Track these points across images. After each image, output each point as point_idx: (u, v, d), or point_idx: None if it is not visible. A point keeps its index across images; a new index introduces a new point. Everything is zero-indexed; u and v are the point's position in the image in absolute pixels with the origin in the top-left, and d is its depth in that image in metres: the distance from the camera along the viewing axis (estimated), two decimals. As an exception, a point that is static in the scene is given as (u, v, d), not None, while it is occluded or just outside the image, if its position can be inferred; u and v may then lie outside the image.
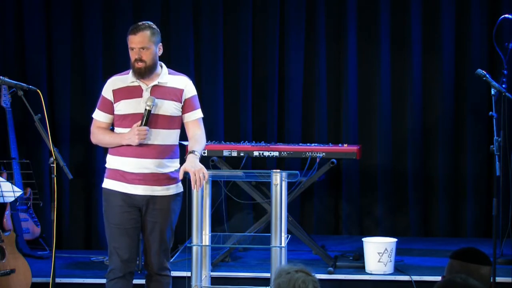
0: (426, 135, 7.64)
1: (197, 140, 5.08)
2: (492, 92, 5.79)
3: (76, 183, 7.36)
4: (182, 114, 5.07)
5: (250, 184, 6.52)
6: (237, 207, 7.47)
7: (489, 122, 7.12)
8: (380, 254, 6.17)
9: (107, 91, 5.02)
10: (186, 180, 5.17)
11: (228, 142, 6.67)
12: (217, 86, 7.56)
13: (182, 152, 6.40)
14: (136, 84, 4.97)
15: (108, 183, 5.03)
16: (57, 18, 7.50)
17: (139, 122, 4.91)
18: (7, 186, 5.79)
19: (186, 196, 5.17)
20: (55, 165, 4.83)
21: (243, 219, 7.50)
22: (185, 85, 5.06)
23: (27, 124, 7.19)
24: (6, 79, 5.15)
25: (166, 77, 5.02)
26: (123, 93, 4.97)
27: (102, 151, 7.38)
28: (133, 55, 4.93)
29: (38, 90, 4.94)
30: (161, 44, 5.02)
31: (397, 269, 6.28)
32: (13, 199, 5.97)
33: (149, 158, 4.95)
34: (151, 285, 5.09)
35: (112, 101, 4.99)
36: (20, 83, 5.04)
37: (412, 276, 6.14)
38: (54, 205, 4.87)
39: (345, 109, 7.66)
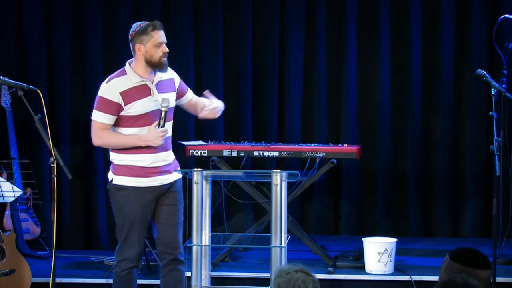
0: (426, 135, 7.64)
1: (203, 99, 5.40)
2: (492, 92, 5.78)
3: (76, 183, 7.37)
4: (179, 98, 5.29)
5: (250, 184, 6.52)
6: (237, 207, 7.47)
7: (489, 122, 7.13)
8: (380, 254, 6.17)
9: (111, 94, 5.02)
10: (187, 180, 5.18)
11: (228, 142, 6.67)
12: (217, 86, 7.56)
13: (183, 152, 6.43)
14: (142, 83, 5.06)
15: (123, 180, 5.09)
16: (57, 18, 7.50)
17: (156, 123, 5.04)
18: (7, 186, 5.79)
19: (186, 196, 5.19)
20: (55, 165, 4.83)
21: (243, 219, 7.50)
22: (173, 73, 5.27)
23: (27, 124, 7.19)
24: (6, 79, 5.15)
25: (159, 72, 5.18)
26: (133, 94, 5.03)
27: (102, 151, 7.39)
28: (162, 50, 5.07)
29: (38, 90, 4.94)
30: None
31: (397, 269, 6.28)
32: (13, 199, 5.97)
33: (163, 151, 5.12)
34: (170, 274, 5.17)
35: (121, 103, 5.02)
36: (20, 83, 5.04)
37: (412, 276, 6.14)
38: (54, 205, 4.88)
39: (345, 109, 7.66)
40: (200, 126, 7.52)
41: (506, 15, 6.55)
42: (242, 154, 6.44)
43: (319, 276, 5.99)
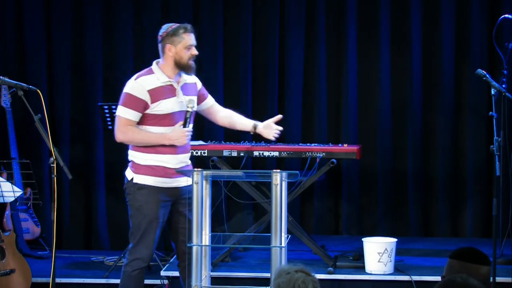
0: (426, 135, 7.64)
1: (236, 114, 5.60)
2: (492, 92, 5.78)
3: (76, 183, 7.36)
4: (199, 103, 5.38)
5: (250, 184, 6.52)
6: (237, 207, 7.47)
7: (489, 122, 7.13)
8: (380, 254, 6.17)
9: (140, 91, 5.08)
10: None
11: (228, 142, 6.67)
12: (217, 87, 7.56)
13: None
14: (169, 83, 5.14)
15: (145, 179, 5.12)
16: (57, 18, 7.50)
17: (181, 123, 5.13)
18: (7, 186, 5.79)
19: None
20: (55, 165, 4.82)
21: (243, 219, 7.50)
22: (195, 78, 5.37)
23: (27, 124, 7.18)
24: (6, 79, 5.15)
25: (184, 75, 5.24)
26: (160, 93, 5.10)
27: (102, 151, 7.40)
28: (192, 52, 5.18)
29: (38, 90, 4.94)
30: None
31: (397, 269, 6.28)
32: (13, 199, 5.97)
33: (185, 153, 5.22)
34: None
35: (148, 101, 5.08)
36: (20, 83, 5.03)
37: (412, 276, 6.14)
38: (54, 205, 4.87)
39: (345, 109, 7.66)
40: (200, 126, 7.51)
41: (506, 15, 6.55)
42: (242, 154, 6.44)
43: (319, 276, 5.98)
